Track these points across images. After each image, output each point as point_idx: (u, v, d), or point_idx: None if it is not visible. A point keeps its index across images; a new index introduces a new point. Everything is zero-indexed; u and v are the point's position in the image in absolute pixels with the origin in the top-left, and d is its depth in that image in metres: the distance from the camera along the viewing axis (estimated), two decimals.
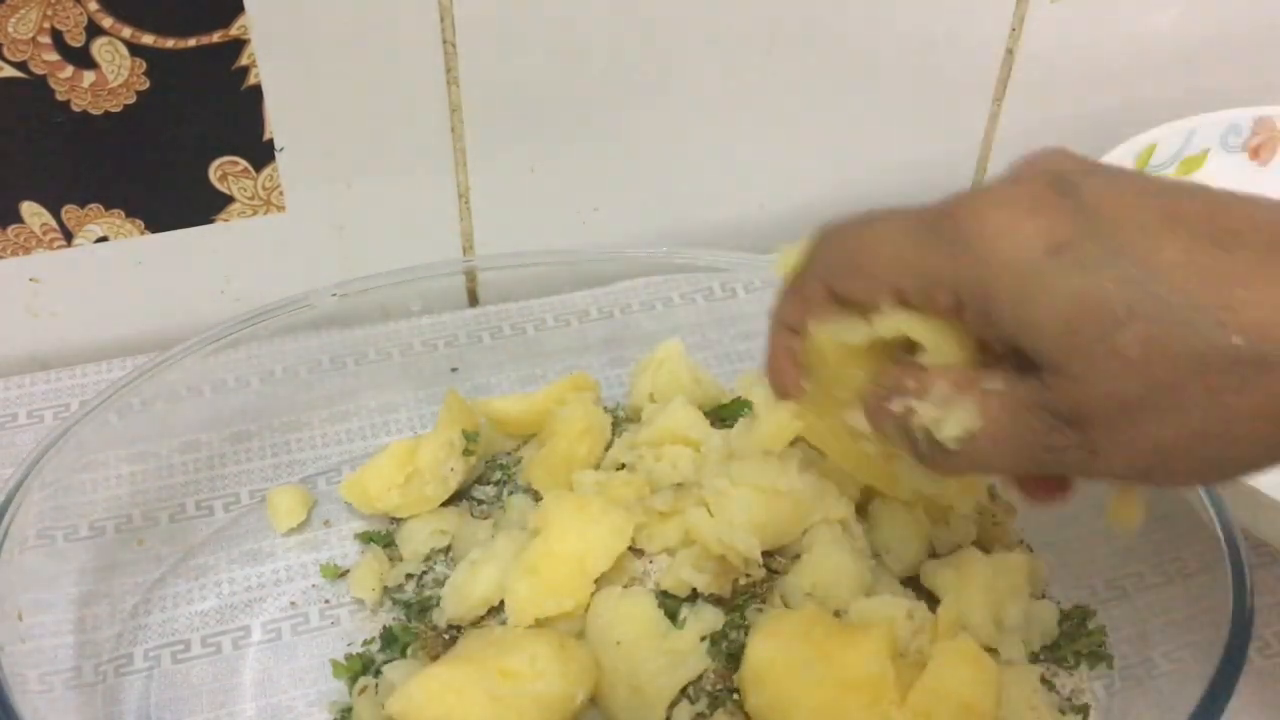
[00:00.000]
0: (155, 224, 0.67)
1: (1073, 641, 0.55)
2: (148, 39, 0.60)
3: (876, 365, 0.43)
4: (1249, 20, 0.82)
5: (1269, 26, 0.83)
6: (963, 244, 0.38)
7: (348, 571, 0.59)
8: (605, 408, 0.64)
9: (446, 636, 0.54)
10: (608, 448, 0.61)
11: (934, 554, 0.57)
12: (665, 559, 0.55)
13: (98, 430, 0.56)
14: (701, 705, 0.51)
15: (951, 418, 0.39)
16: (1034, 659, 0.54)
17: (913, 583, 0.56)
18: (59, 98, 0.61)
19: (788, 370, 0.45)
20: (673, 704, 0.51)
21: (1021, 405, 0.38)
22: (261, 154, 0.66)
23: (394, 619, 0.56)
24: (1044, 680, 0.53)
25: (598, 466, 0.60)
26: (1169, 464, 0.37)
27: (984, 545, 0.57)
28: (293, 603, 0.58)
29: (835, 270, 0.43)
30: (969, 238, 0.38)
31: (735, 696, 0.51)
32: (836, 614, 0.52)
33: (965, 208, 0.39)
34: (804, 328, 0.44)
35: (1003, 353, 0.39)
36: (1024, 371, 0.38)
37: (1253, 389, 0.34)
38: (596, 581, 0.52)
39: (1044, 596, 0.57)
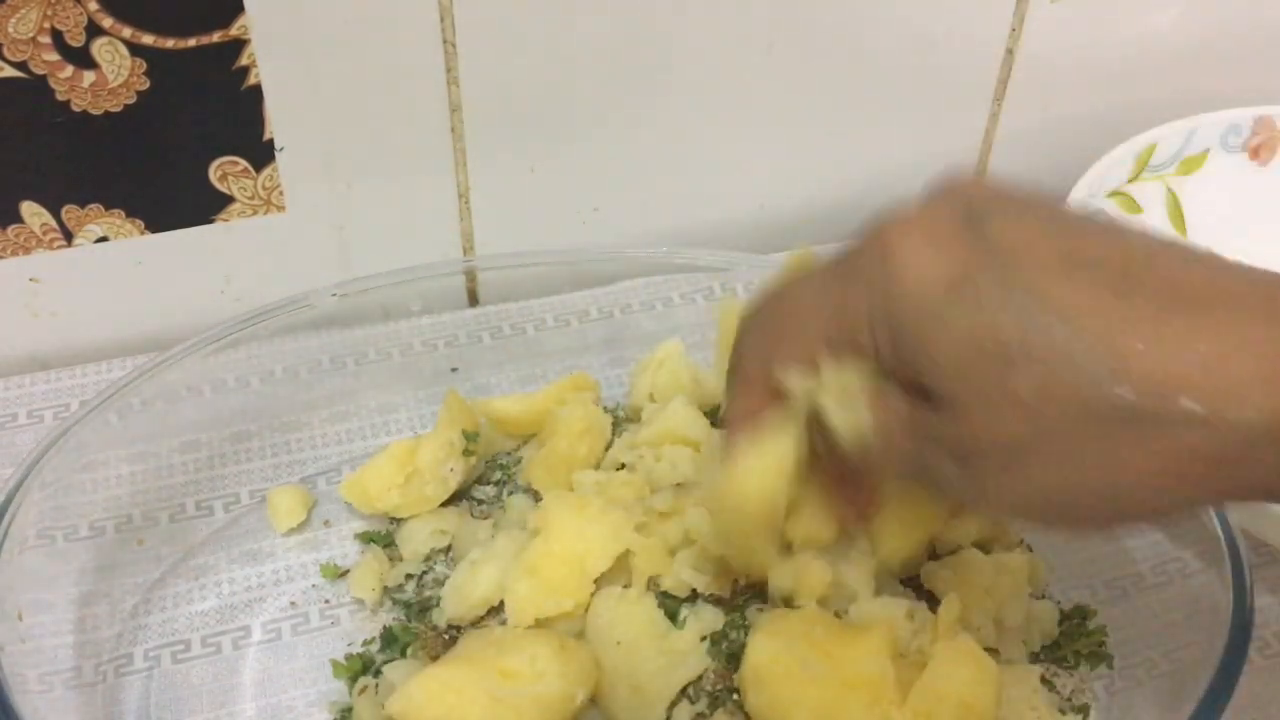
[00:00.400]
0: (155, 224, 0.67)
1: (1073, 641, 0.55)
2: (148, 39, 0.60)
3: None
4: (1249, 20, 0.82)
5: (1269, 26, 0.83)
6: (872, 279, 0.38)
7: (348, 571, 0.59)
8: (605, 408, 0.64)
9: (446, 636, 0.54)
10: (608, 448, 0.61)
11: (934, 554, 0.57)
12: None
13: (98, 430, 0.56)
14: (702, 705, 0.51)
15: (846, 407, 0.40)
16: (1034, 659, 0.54)
17: (913, 583, 0.56)
18: (59, 98, 0.61)
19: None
20: (673, 704, 0.51)
21: (913, 423, 0.38)
22: (261, 154, 0.66)
23: (394, 619, 0.56)
24: (1044, 680, 0.53)
25: (598, 466, 0.60)
26: (1057, 510, 0.37)
27: (984, 545, 0.57)
28: (293, 603, 0.58)
29: (768, 344, 0.43)
30: (877, 272, 0.38)
31: (735, 696, 0.51)
32: (836, 614, 0.52)
33: (873, 241, 0.38)
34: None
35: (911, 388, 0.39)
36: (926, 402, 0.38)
37: (1144, 443, 0.34)
38: (596, 581, 0.52)
39: (1044, 596, 0.57)
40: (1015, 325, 0.35)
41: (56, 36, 0.59)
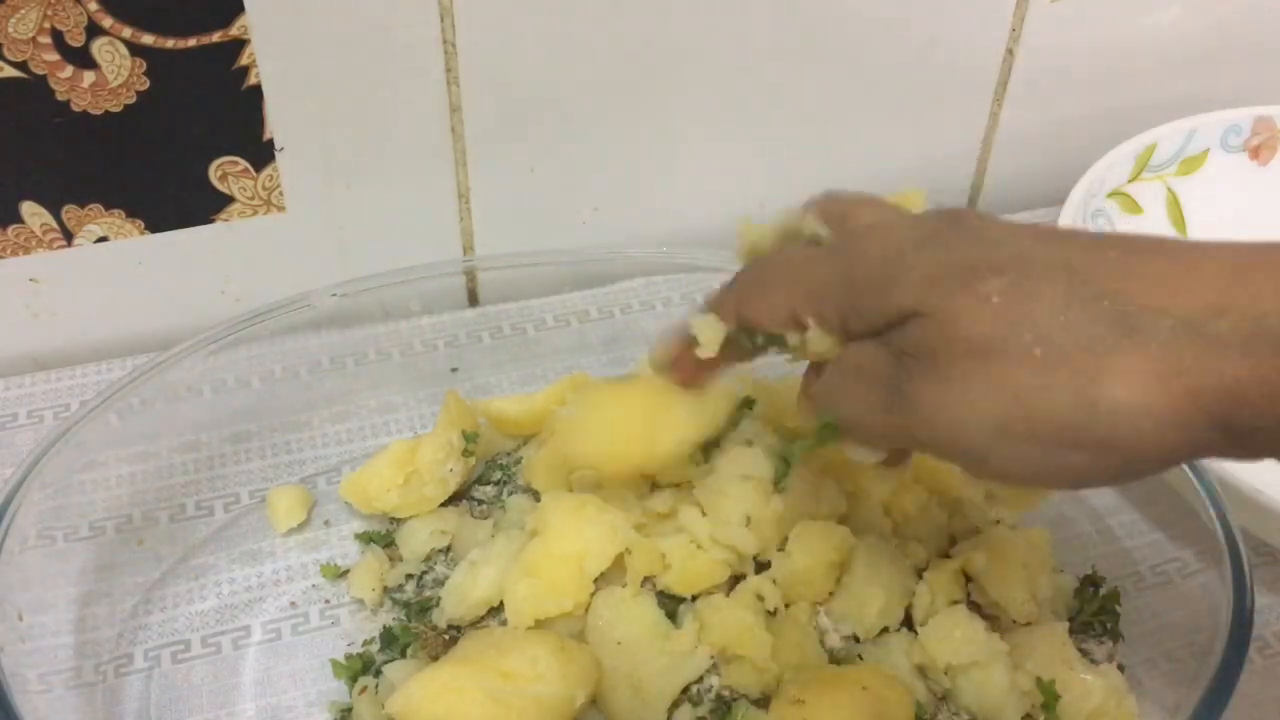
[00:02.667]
0: (155, 224, 0.67)
1: (1090, 604, 0.55)
2: (148, 39, 0.60)
3: None
4: (1249, 20, 0.82)
5: (1269, 26, 0.83)
6: (845, 250, 0.41)
7: (348, 571, 0.59)
8: None
9: (446, 636, 0.54)
10: None
11: (952, 539, 0.57)
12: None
13: (98, 430, 0.56)
14: (704, 709, 0.51)
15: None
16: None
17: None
18: (59, 98, 0.61)
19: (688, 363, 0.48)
20: (674, 705, 0.51)
21: (870, 356, 0.40)
22: (261, 154, 0.66)
23: (394, 619, 0.56)
24: (1079, 649, 0.53)
25: None
26: (1024, 424, 0.35)
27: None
28: (293, 603, 0.58)
29: (745, 294, 0.45)
30: (852, 244, 0.41)
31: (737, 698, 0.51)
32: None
33: (861, 225, 0.42)
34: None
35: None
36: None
37: (1122, 361, 0.34)
38: (595, 581, 0.52)
39: (1061, 570, 0.57)
40: (983, 253, 0.37)
41: (56, 36, 0.59)
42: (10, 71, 0.59)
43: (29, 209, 0.64)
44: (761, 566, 0.54)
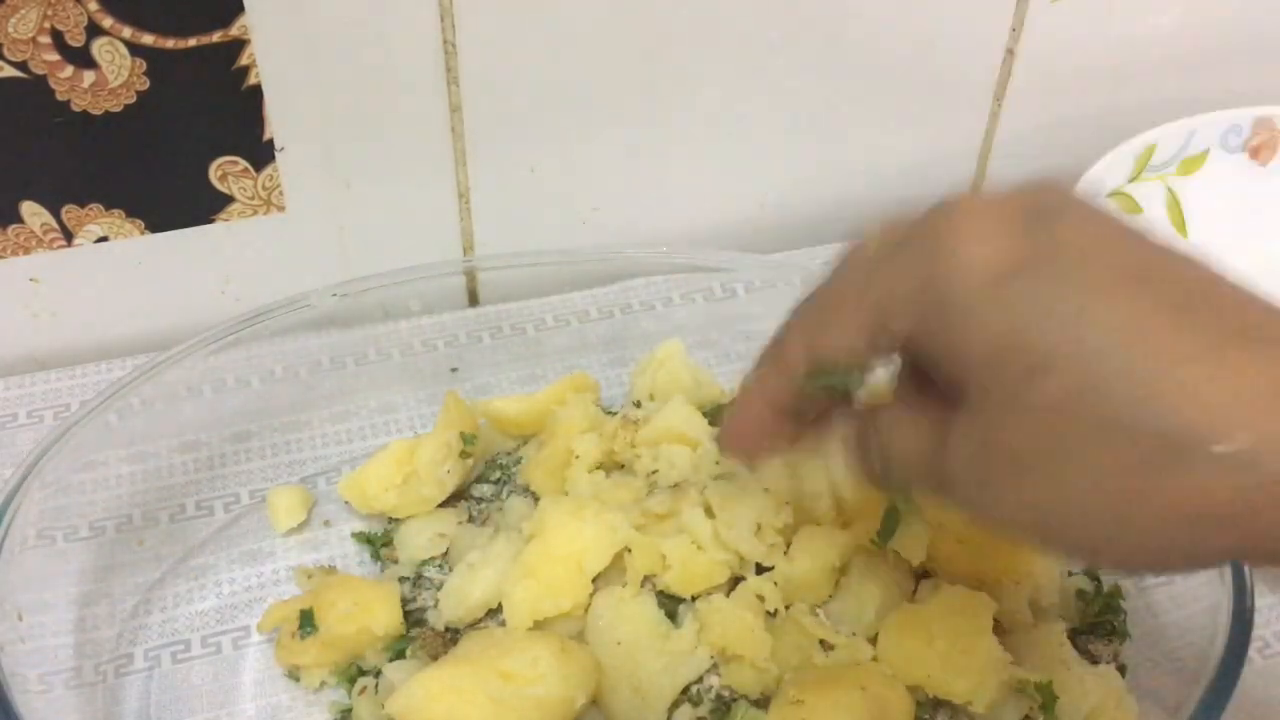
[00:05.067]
0: (155, 224, 0.67)
1: (1092, 604, 0.55)
2: (148, 39, 0.60)
3: None
4: (1249, 20, 0.82)
5: (1269, 27, 0.83)
6: (921, 256, 0.36)
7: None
8: (605, 408, 0.64)
9: (446, 636, 0.54)
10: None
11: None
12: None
13: (98, 430, 0.56)
14: (704, 709, 0.51)
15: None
16: (1073, 634, 0.54)
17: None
18: (59, 98, 0.61)
19: (759, 433, 0.44)
20: (674, 705, 0.51)
21: (931, 446, 0.37)
22: (261, 154, 0.66)
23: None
24: (1082, 650, 0.53)
25: (598, 467, 0.60)
26: (1061, 533, 0.35)
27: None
28: None
29: (811, 326, 0.41)
30: (928, 249, 0.36)
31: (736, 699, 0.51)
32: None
33: (934, 217, 0.37)
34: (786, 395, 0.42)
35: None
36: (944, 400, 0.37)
37: (1166, 481, 0.31)
38: (595, 581, 0.52)
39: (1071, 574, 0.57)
40: (1053, 332, 0.33)
41: (56, 36, 0.59)
42: (10, 71, 0.59)
43: (29, 209, 0.64)
44: (762, 568, 0.54)
